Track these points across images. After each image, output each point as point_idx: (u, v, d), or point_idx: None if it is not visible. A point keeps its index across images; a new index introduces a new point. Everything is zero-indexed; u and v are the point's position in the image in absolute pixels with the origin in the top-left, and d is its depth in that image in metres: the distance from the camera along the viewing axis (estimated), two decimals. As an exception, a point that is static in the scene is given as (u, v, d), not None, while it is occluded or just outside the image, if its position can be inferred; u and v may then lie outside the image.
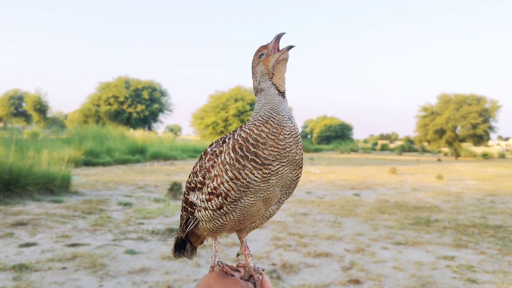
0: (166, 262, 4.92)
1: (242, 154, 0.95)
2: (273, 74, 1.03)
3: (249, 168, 0.94)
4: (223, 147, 1.01)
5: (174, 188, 9.87)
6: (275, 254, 5.38)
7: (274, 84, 1.02)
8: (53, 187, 9.34)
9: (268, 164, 0.95)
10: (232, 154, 0.96)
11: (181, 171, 17.06)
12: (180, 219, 1.18)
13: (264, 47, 1.06)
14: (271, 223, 7.29)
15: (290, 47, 1.03)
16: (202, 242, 1.27)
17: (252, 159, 0.94)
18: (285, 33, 1.05)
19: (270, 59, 1.03)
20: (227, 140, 1.02)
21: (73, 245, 5.48)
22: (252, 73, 1.07)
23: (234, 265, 1.09)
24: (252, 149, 0.95)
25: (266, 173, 0.95)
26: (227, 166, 0.96)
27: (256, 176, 0.94)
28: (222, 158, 0.98)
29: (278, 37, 1.04)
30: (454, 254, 5.63)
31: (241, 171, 0.94)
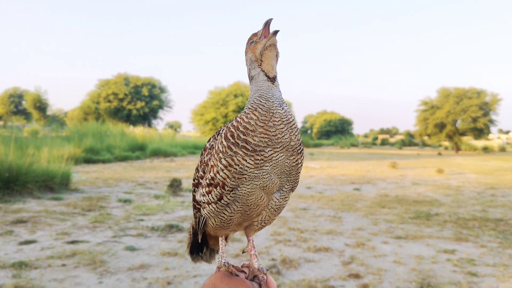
0: (165, 258, 4.91)
1: (233, 141, 0.96)
2: (262, 61, 1.03)
3: (241, 154, 0.94)
4: (217, 139, 1.02)
5: (174, 185, 9.85)
6: (275, 249, 5.37)
7: (263, 71, 1.02)
8: (53, 184, 9.33)
9: (260, 151, 0.95)
10: (224, 142, 0.97)
11: (181, 168, 17.05)
12: (194, 217, 1.18)
13: (255, 34, 1.05)
14: (271, 218, 7.27)
15: (275, 32, 1.02)
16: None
17: (243, 146, 0.95)
18: (272, 18, 1.04)
19: (257, 46, 1.03)
20: (221, 131, 1.04)
21: (72, 242, 5.47)
22: (245, 58, 1.08)
23: (238, 264, 1.10)
24: (242, 136, 0.95)
25: (258, 159, 0.95)
26: (220, 155, 0.97)
27: (248, 163, 0.94)
28: (216, 147, 1.00)
29: (267, 24, 1.03)
30: (454, 248, 5.62)
31: (234, 158, 0.95)
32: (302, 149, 1.02)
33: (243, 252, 1.14)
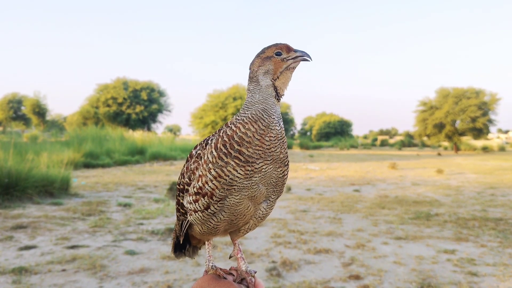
0: (166, 262, 4.91)
1: (226, 151, 0.96)
2: (278, 78, 1.04)
3: (232, 165, 0.95)
4: (206, 148, 1.02)
5: (173, 188, 9.85)
6: (275, 252, 5.37)
7: (274, 86, 1.04)
8: (52, 189, 9.32)
9: (252, 162, 0.96)
10: (214, 153, 0.98)
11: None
12: (177, 219, 1.19)
13: (288, 49, 1.06)
14: (271, 220, 7.28)
15: (304, 60, 1.06)
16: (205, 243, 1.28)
17: (236, 156, 0.96)
18: (311, 60, 1.07)
19: (282, 65, 1.05)
20: (209, 141, 1.04)
21: (72, 247, 5.47)
22: (259, 60, 1.06)
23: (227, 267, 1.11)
24: (236, 147, 0.96)
25: (249, 170, 0.96)
26: (210, 165, 0.98)
27: (239, 173, 0.96)
28: (205, 157, 1.00)
29: (304, 55, 1.06)
30: (454, 248, 5.62)
31: (224, 169, 0.96)
32: (288, 161, 1.05)
33: (230, 257, 1.15)
